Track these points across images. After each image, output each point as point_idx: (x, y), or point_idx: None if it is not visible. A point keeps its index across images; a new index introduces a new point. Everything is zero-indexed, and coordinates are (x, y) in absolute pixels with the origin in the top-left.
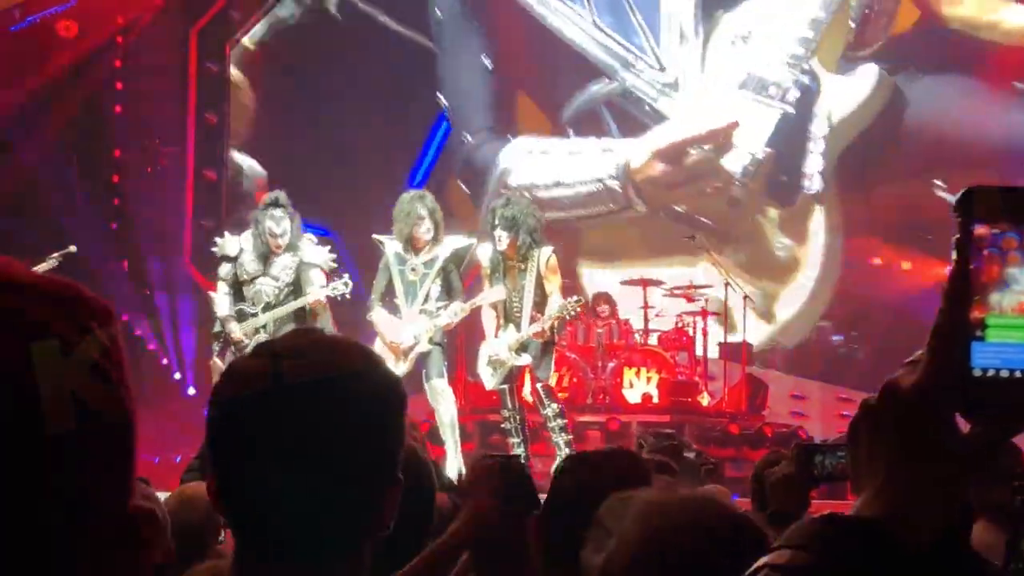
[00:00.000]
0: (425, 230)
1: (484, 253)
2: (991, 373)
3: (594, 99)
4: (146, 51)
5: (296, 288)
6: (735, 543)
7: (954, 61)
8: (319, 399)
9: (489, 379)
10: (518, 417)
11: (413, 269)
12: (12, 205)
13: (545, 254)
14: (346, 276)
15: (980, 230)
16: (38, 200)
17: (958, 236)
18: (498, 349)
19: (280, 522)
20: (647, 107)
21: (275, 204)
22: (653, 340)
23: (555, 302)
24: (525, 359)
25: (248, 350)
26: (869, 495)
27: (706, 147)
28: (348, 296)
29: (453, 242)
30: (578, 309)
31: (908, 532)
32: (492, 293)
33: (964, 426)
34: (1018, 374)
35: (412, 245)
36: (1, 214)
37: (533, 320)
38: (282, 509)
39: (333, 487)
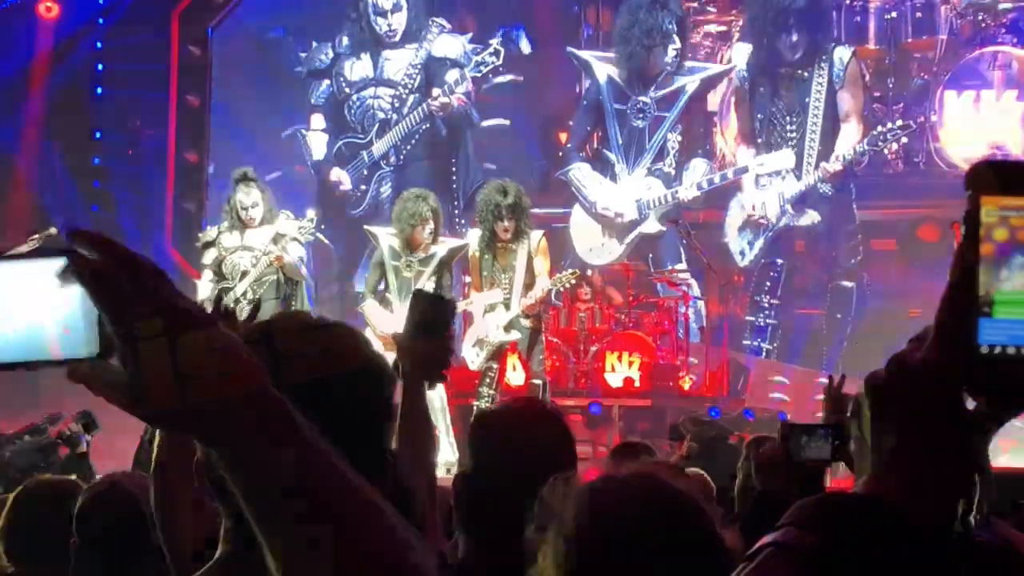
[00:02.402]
0: (428, 233)
1: (474, 235)
2: (998, 350)
3: None
4: (128, 33)
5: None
6: (676, 522)
7: None
8: (316, 395)
9: (474, 359)
10: (494, 400)
11: (408, 265)
12: None
13: (536, 237)
14: (309, 212)
15: (991, 204)
16: (20, 181)
17: (967, 211)
18: (487, 329)
19: None
20: None
21: (243, 178)
22: (635, 324)
23: (544, 282)
24: (514, 335)
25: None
26: (874, 471)
27: None
28: (312, 235)
29: (450, 242)
30: (572, 281)
31: (914, 507)
32: (487, 296)
33: (970, 402)
34: None
35: (410, 244)
36: None
37: (523, 309)
38: None
39: None
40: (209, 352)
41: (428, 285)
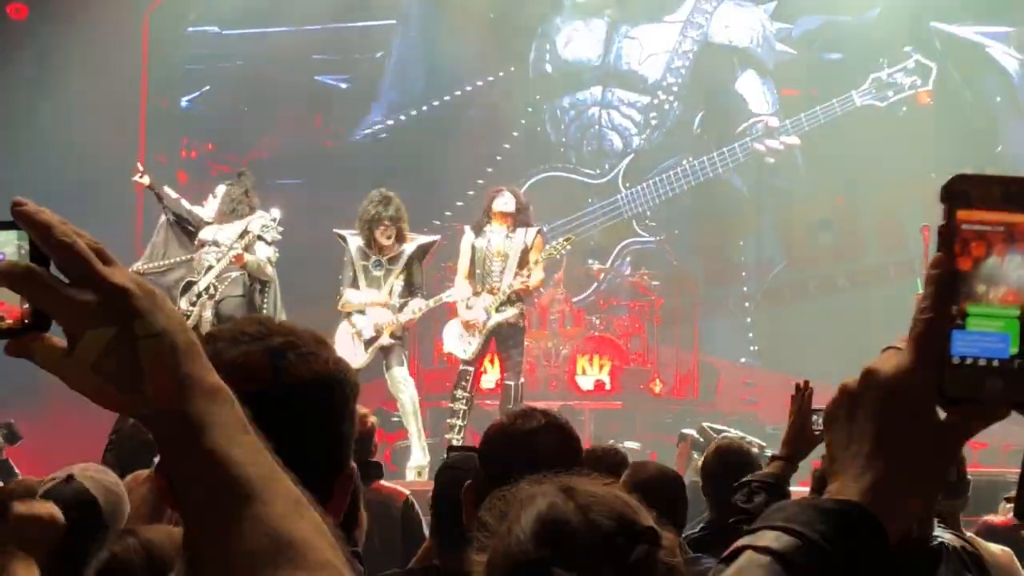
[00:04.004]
0: (387, 237)
1: (468, 227)
2: (969, 361)
3: None
4: (98, 34)
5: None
6: (623, 538)
7: None
8: (273, 403)
9: (467, 348)
10: (470, 402)
11: (377, 263)
12: None
13: (533, 231)
14: (273, 211)
15: (966, 218)
16: None
17: (943, 223)
18: (475, 314)
19: None
20: None
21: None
22: (606, 327)
23: (537, 275)
24: (509, 312)
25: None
26: (846, 479)
27: None
28: (277, 231)
29: (419, 239)
30: (568, 247)
31: (885, 517)
32: (458, 291)
33: (941, 414)
34: (995, 363)
35: (374, 244)
36: None
37: (512, 291)
38: None
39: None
40: (152, 360)
41: (397, 284)
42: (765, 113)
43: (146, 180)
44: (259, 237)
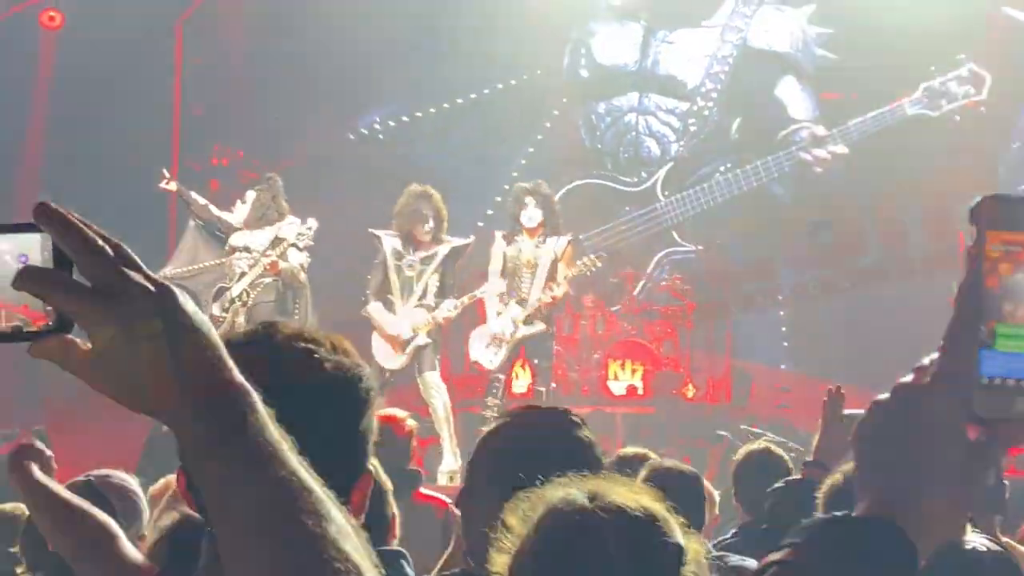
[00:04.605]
0: (426, 231)
1: (499, 234)
2: (998, 382)
3: None
4: (131, 42)
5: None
6: (643, 546)
7: None
8: (292, 403)
9: (492, 359)
10: (501, 410)
11: (411, 265)
12: None
13: (563, 242)
14: (310, 220)
15: (994, 238)
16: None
17: (972, 244)
18: (503, 326)
19: None
20: None
21: (265, 180)
22: (638, 332)
23: (560, 290)
24: (537, 327)
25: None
26: (875, 496)
27: None
28: (311, 240)
29: (453, 241)
30: (598, 264)
31: (912, 533)
32: (492, 286)
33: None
34: None
35: (412, 241)
36: None
37: (540, 304)
38: None
39: None
40: (173, 361)
41: (431, 283)
42: (805, 119)
43: (172, 187)
44: (293, 245)
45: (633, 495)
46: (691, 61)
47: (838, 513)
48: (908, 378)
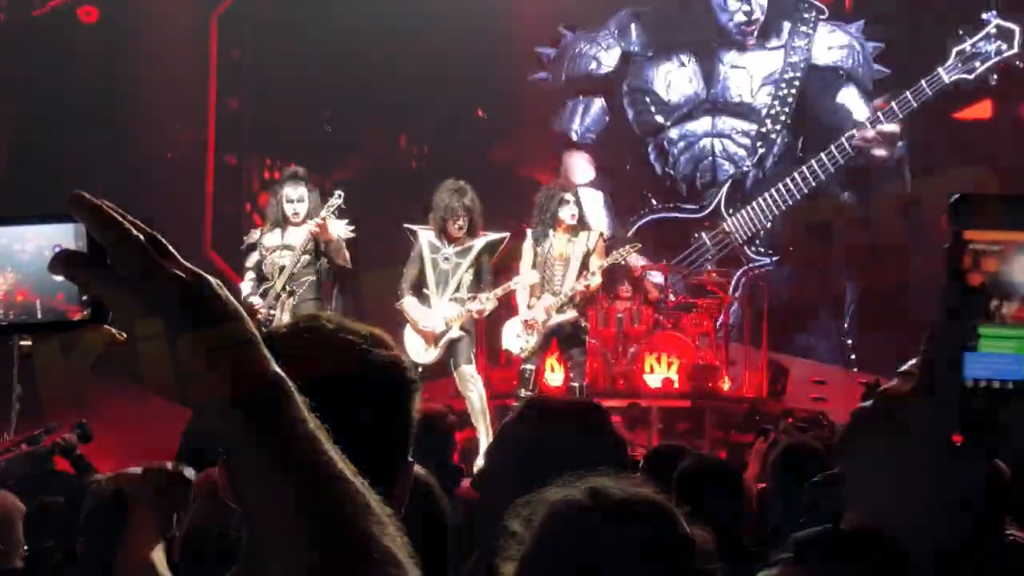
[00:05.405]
0: (458, 227)
1: (530, 230)
2: (983, 383)
3: None
4: (167, 36)
5: (315, 259)
6: (651, 540)
7: None
8: (338, 395)
9: (523, 346)
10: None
11: (446, 258)
12: (32, 189)
13: (595, 235)
14: (337, 191)
15: (974, 236)
16: (60, 184)
17: (950, 244)
18: (535, 314)
19: None
20: None
21: (293, 176)
22: (674, 325)
23: (597, 280)
24: (569, 315)
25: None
26: (865, 506)
27: None
28: (343, 205)
29: (489, 235)
30: (632, 252)
31: (904, 541)
32: (525, 277)
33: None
34: (1010, 386)
35: (447, 235)
36: (22, 201)
37: (574, 293)
38: None
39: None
40: (207, 352)
41: (466, 277)
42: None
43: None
44: (332, 212)
45: (634, 490)
46: (756, 84)
47: (828, 526)
48: (892, 383)
